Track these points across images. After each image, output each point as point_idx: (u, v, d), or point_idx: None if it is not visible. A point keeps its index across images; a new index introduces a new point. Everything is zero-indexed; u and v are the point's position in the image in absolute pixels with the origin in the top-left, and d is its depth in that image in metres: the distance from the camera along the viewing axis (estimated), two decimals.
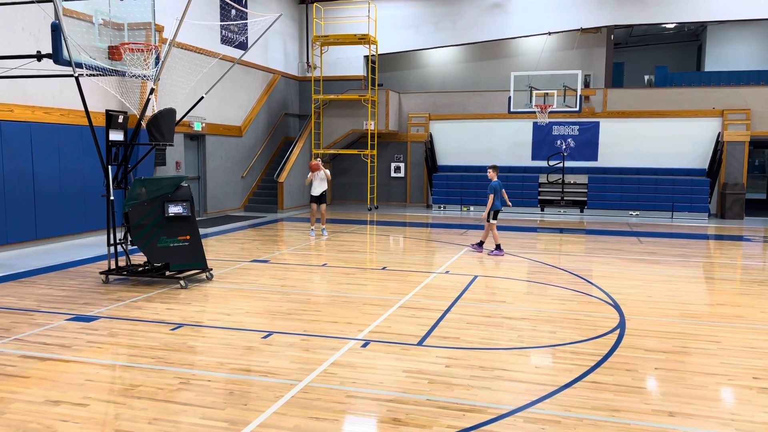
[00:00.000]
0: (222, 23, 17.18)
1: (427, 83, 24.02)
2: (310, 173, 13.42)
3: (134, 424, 4.21)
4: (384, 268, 10.03)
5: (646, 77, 23.67)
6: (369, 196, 20.44)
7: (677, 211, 18.22)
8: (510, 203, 11.99)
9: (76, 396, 4.67)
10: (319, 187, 13.49)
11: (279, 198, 18.79)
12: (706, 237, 14.72)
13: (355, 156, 20.98)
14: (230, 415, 4.36)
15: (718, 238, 14.66)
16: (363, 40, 19.30)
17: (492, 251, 11.40)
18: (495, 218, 11.52)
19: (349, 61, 21.79)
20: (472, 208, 19.80)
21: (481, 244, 11.80)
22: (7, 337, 6.14)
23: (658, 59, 24.88)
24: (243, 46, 17.91)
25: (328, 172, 13.52)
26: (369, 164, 20.37)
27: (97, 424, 4.22)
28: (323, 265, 10.33)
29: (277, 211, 18.57)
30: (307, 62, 22.14)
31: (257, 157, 19.59)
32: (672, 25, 22.98)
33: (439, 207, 20.15)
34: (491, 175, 11.60)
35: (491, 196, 11.37)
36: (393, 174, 21.57)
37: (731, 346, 6.00)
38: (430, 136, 21.04)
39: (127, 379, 5.05)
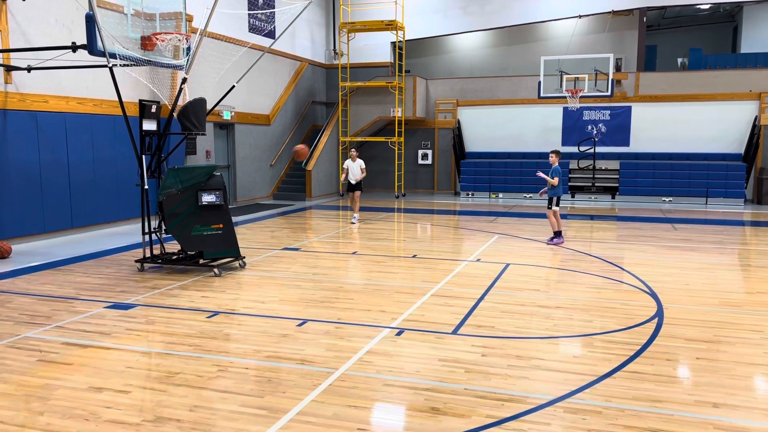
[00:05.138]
0: (250, 12, 17.19)
1: (455, 69, 23.78)
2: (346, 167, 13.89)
3: (175, 411, 4.27)
4: (414, 256, 10.00)
5: (680, 60, 23.11)
6: (396, 184, 20.40)
7: (712, 197, 17.84)
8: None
9: (118, 383, 4.75)
10: (354, 175, 13.82)
11: (307, 186, 18.85)
12: (742, 223, 14.38)
13: (383, 143, 20.92)
14: (269, 402, 4.39)
15: (755, 224, 14.31)
16: (390, 26, 19.16)
17: (551, 239, 11.12)
18: (558, 205, 11.14)
19: (376, 48, 21.67)
20: (500, 195, 19.64)
21: (558, 234, 11.16)
22: (48, 324, 6.28)
23: (692, 41, 24.24)
24: (271, 34, 17.92)
25: (363, 165, 13.87)
26: (396, 151, 20.30)
27: (139, 410, 4.29)
28: (353, 253, 10.34)
29: (305, 199, 18.65)
30: (334, 49, 22.08)
31: (285, 146, 19.66)
32: (706, 6, 22.35)
33: (467, 194, 20.03)
34: (553, 159, 11.13)
35: (557, 179, 10.96)
36: (420, 161, 21.48)
37: None
38: (458, 122, 20.88)
39: (167, 366, 5.12)
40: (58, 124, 11.26)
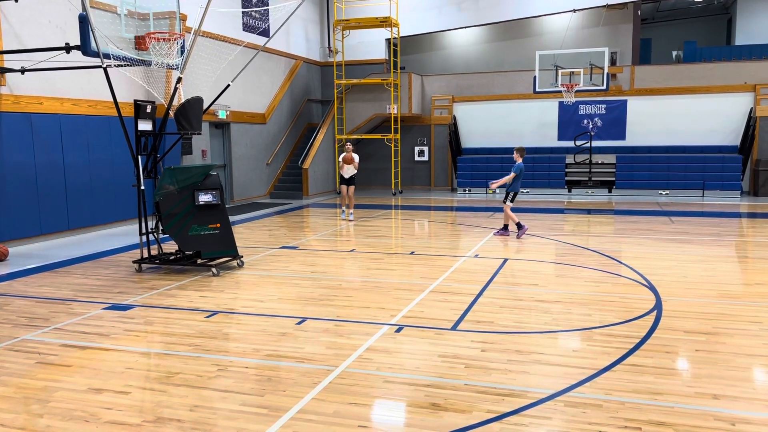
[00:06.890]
0: (244, 10, 17.14)
1: (450, 65, 23.76)
2: (343, 163, 13.80)
3: (175, 411, 4.26)
4: (412, 253, 10.00)
5: (675, 53, 23.15)
6: (393, 181, 20.38)
7: (708, 189, 17.87)
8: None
9: (118, 384, 4.74)
10: (349, 170, 13.84)
11: (304, 184, 18.83)
12: (739, 215, 14.41)
13: (379, 140, 20.89)
14: (269, 401, 4.38)
15: (752, 216, 14.35)
16: (385, 22, 19.11)
17: (518, 233, 11.18)
18: (512, 200, 11.33)
19: (370, 45, 21.63)
20: (498, 190, 19.62)
21: (505, 228, 11.57)
22: (47, 326, 6.26)
23: (687, 34, 24.30)
24: (265, 32, 17.88)
25: (356, 161, 13.90)
26: (392, 148, 20.28)
27: (139, 411, 4.28)
28: (351, 250, 10.34)
29: (302, 197, 18.62)
30: (329, 47, 22.03)
31: (281, 144, 19.62)
32: None
33: (464, 190, 20.03)
34: (516, 157, 11.28)
35: (513, 174, 11.14)
36: (417, 158, 21.47)
37: None
38: (454, 118, 20.86)
39: (166, 366, 5.11)
40: (53, 126, 11.22)
